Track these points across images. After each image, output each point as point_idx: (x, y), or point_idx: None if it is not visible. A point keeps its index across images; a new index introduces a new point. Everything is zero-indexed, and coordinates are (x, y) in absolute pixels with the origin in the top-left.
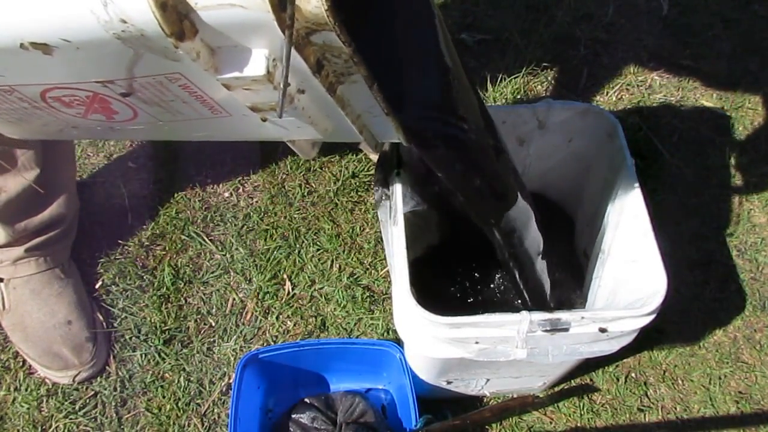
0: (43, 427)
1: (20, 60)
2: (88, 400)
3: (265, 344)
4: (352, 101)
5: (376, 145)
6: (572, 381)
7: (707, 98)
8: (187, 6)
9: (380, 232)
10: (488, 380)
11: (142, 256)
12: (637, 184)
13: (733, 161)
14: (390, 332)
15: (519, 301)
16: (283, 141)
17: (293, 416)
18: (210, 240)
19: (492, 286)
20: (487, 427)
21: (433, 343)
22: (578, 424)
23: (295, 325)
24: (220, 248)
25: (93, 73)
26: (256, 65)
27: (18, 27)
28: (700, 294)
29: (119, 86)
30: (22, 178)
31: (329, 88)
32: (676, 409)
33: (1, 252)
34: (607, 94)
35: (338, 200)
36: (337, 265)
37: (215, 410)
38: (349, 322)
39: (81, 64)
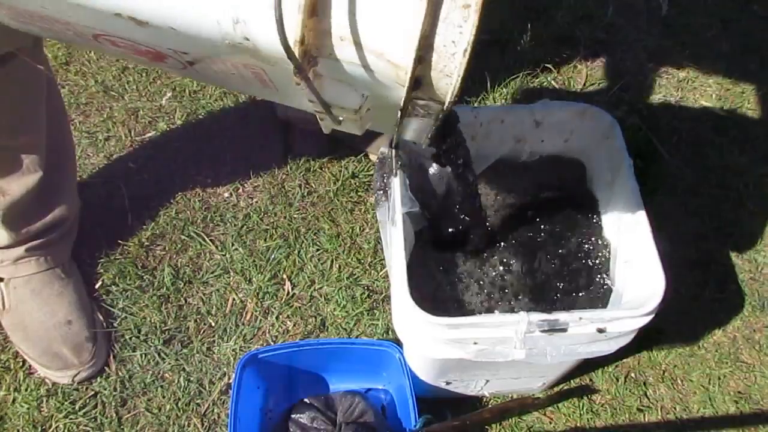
0: (43, 427)
1: (101, 16)
2: (88, 400)
3: (264, 344)
4: (408, 121)
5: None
6: (572, 381)
7: (707, 98)
8: (320, 52)
9: (380, 232)
10: (487, 381)
11: (142, 256)
12: (636, 185)
13: (732, 161)
14: (390, 332)
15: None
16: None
17: (293, 416)
18: (210, 240)
19: (491, 286)
20: (486, 427)
21: (432, 344)
22: (578, 425)
23: (294, 325)
24: (220, 248)
25: (173, 45)
26: (353, 100)
27: (127, 3)
28: (700, 294)
29: (191, 57)
30: (25, 181)
31: (401, 118)
32: (675, 409)
33: (1, 252)
34: (606, 94)
35: (338, 200)
36: (337, 265)
37: (215, 410)
38: (348, 322)
39: (167, 38)
